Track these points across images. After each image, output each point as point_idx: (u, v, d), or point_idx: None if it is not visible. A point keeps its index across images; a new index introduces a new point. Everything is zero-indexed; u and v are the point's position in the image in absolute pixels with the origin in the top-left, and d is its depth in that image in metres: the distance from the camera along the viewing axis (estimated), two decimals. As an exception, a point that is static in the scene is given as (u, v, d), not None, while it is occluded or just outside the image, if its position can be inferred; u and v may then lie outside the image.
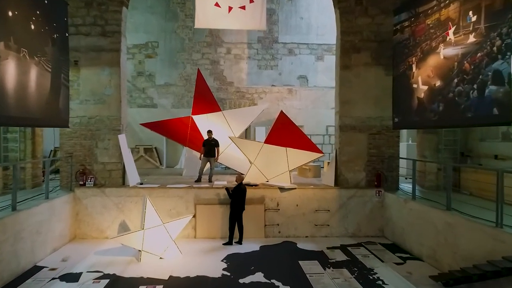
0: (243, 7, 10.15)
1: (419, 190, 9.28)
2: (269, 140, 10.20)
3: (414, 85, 8.14)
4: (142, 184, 9.70)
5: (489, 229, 5.82)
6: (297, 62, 15.56)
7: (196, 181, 10.31)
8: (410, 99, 8.29)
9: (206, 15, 10.07)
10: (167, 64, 15.25)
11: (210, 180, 10.45)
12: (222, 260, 7.62)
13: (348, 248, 8.48)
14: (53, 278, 6.64)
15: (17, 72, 6.41)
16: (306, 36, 15.49)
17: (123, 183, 9.60)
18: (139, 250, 7.59)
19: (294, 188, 9.44)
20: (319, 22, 15.41)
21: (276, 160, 10.09)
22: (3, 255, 6.30)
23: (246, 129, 13.29)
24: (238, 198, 8.60)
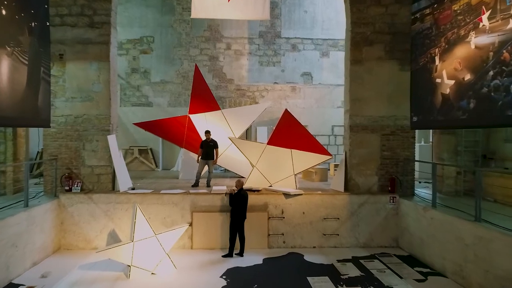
0: None
1: (438, 196, 8.47)
2: (273, 141, 9.43)
3: (438, 80, 7.32)
4: (134, 189, 8.92)
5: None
6: (301, 58, 14.79)
7: (193, 186, 9.56)
8: (432, 96, 7.46)
9: (204, 4, 9.22)
10: (163, 61, 14.52)
11: (208, 185, 9.68)
12: (222, 276, 6.84)
13: (361, 261, 7.70)
14: (29, 299, 5.84)
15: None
16: (311, 31, 14.74)
17: (113, 189, 8.82)
18: (128, 265, 6.82)
19: (300, 194, 8.63)
20: (325, 16, 14.69)
21: (280, 163, 9.33)
22: (-31, 275, 5.50)
23: (247, 129, 12.57)
24: (239, 206, 7.82)
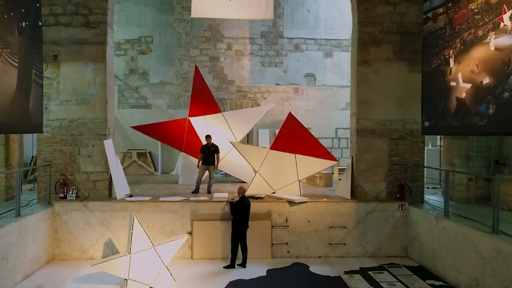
0: None
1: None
2: (276, 146, 9.07)
3: (452, 83, 6.95)
4: (132, 196, 8.54)
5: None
6: (304, 59, 14.37)
7: (193, 192, 9.20)
8: (446, 100, 7.10)
9: (205, 3, 8.85)
10: (162, 61, 14.10)
11: (209, 191, 9.30)
12: (223, 290, 6.50)
13: (369, 273, 7.34)
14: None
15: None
16: (314, 31, 14.31)
17: (110, 196, 8.46)
18: (125, 279, 6.46)
19: (305, 202, 8.26)
20: (328, 15, 14.26)
21: (284, 169, 8.98)
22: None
23: (248, 132, 12.19)
24: (241, 214, 7.46)
